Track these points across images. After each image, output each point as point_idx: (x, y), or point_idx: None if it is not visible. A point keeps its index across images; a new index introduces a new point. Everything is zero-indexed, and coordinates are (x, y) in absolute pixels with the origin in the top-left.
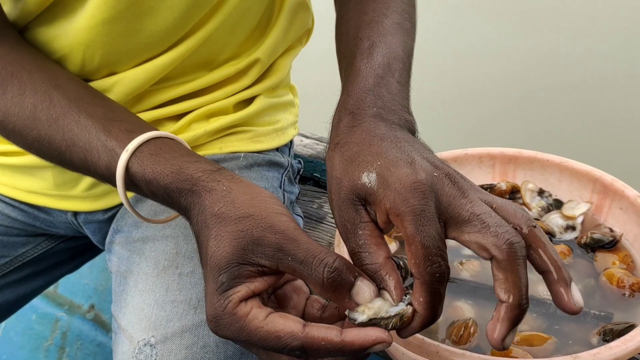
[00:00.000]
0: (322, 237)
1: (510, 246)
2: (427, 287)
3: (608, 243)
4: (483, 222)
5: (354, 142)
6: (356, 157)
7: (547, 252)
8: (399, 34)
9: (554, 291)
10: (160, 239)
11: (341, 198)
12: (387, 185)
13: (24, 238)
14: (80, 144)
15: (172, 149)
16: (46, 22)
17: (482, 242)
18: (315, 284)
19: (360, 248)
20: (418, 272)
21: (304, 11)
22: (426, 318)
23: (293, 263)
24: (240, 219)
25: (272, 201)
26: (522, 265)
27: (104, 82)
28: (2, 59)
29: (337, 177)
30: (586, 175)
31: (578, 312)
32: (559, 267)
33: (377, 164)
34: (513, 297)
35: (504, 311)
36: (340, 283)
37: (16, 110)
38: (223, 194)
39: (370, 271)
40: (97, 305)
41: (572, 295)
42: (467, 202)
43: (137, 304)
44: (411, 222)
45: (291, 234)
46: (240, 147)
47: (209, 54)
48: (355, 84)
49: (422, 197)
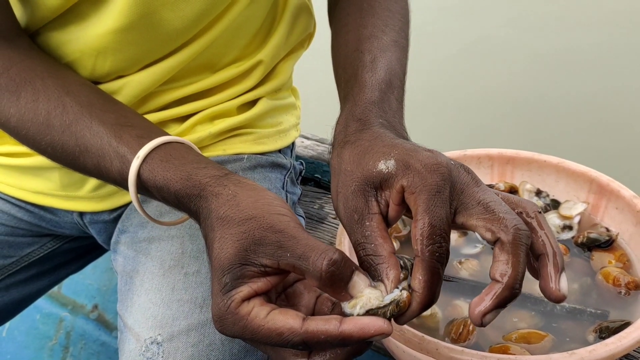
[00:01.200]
0: (323, 237)
1: (517, 231)
2: (426, 265)
3: (604, 242)
4: (493, 208)
5: (365, 139)
6: (370, 149)
7: (548, 236)
8: (396, 51)
9: (543, 274)
10: (166, 239)
11: (351, 189)
12: (407, 166)
13: (30, 238)
14: (93, 150)
15: (181, 155)
16: (58, 28)
17: (490, 224)
18: (314, 278)
19: (365, 239)
20: (420, 249)
21: (306, 15)
22: (424, 298)
23: (292, 259)
24: (243, 221)
25: (275, 202)
26: (524, 252)
27: (111, 85)
28: (16, 66)
29: (347, 169)
30: (583, 176)
31: (560, 300)
32: (556, 253)
33: (394, 152)
34: (509, 278)
35: (495, 289)
36: (339, 276)
37: (30, 116)
38: (228, 197)
39: (372, 262)
40: (100, 305)
41: (560, 283)
42: (480, 190)
43: (144, 303)
44: (425, 200)
45: (290, 232)
46: (244, 148)
47: (213, 57)
48: (362, 94)
49: (441, 179)
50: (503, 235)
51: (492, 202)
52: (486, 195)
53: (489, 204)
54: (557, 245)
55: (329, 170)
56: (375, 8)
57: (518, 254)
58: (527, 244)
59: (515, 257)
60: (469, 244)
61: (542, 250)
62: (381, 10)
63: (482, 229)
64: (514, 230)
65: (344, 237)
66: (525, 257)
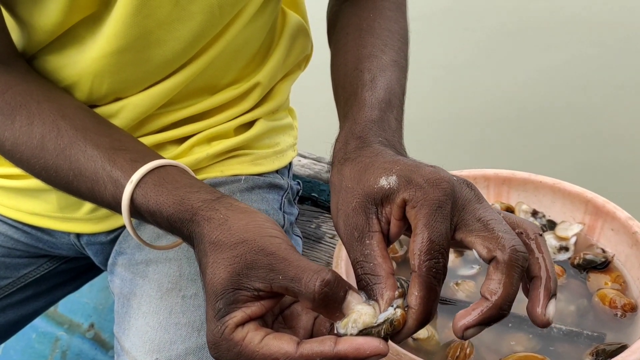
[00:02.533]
0: (320, 257)
1: (514, 252)
2: (423, 281)
3: (600, 264)
4: (493, 226)
5: (366, 155)
6: (370, 165)
7: (545, 260)
8: (396, 71)
9: (533, 296)
10: (164, 262)
11: (352, 206)
12: (409, 181)
13: (26, 259)
14: (87, 174)
15: (174, 179)
16: (55, 51)
17: (487, 242)
18: (307, 300)
19: (365, 258)
20: (417, 265)
21: (303, 37)
22: (420, 314)
23: (284, 282)
24: (234, 245)
25: (266, 225)
26: (518, 274)
27: (110, 107)
28: (12, 90)
29: (348, 186)
30: (578, 197)
31: (544, 325)
32: (550, 277)
33: (396, 168)
34: (498, 298)
35: (483, 307)
36: (332, 297)
37: (24, 139)
38: (220, 222)
39: (369, 281)
40: (96, 324)
41: (548, 308)
42: (481, 207)
43: (141, 326)
44: (426, 215)
45: (281, 254)
46: (241, 170)
47: (211, 79)
48: (362, 113)
49: (443, 194)
50: (499, 254)
51: (492, 220)
52: (487, 213)
53: (488, 222)
54: (553, 270)
55: (326, 189)
56: (374, 28)
57: (512, 275)
58: (524, 266)
59: (509, 278)
60: (465, 265)
61: (537, 273)
62: (380, 31)
63: (479, 246)
64: (511, 250)
65: (341, 258)
66: (519, 280)
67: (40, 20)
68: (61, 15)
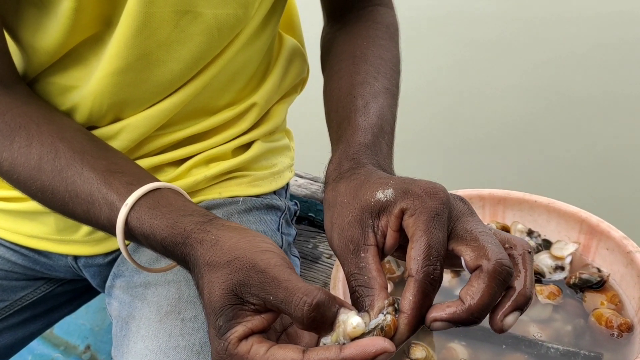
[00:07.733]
0: (317, 277)
1: (499, 265)
2: (419, 285)
3: (596, 283)
4: (482, 238)
5: (360, 174)
6: (366, 182)
7: (526, 277)
8: (387, 98)
9: (501, 302)
10: (162, 284)
11: (347, 219)
12: (407, 191)
13: (24, 282)
14: (82, 196)
15: (168, 202)
16: (57, 73)
17: (475, 251)
18: (297, 322)
19: (359, 271)
20: (415, 270)
21: (299, 60)
22: (413, 318)
23: (276, 302)
24: (227, 263)
25: (257, 240)
26: (498, 287)
27: (110, 129)
28: (12, 112)
29: (343, 201)
30: (573, 217)
31: (498, 331)
32: (524, 294)
33: (392, 182)
34: (474, 304)
35: (455, 307)
36: (321, 320)
37: (22, 160)
38: (212, 243)
39: (362, 293)
40: (93, 345)
41: (508, 317)
42: (473, 220)
43: (140, 350)
44: (424, 222)
45: (271, 273)
46: (239, 191)
47: (209, 100)
48: (355, 137)
49: (441, 203)
50: (485, 263)
51: (483, 232)
52: (478, 226)
53: (479, 234)
54: (531, 288)
55: (322, 209)
56: (367, 56)
57: (491, 286)
58: (506, 280)
59: (488, 289)
60: (461, 284)
61: (514, 285)
62: (373, 58)
63: (466, 254)
64: (497, 262)
65: (338, 279)
66: (499, 292)
67: (42, 41)
68: (63, 36)
